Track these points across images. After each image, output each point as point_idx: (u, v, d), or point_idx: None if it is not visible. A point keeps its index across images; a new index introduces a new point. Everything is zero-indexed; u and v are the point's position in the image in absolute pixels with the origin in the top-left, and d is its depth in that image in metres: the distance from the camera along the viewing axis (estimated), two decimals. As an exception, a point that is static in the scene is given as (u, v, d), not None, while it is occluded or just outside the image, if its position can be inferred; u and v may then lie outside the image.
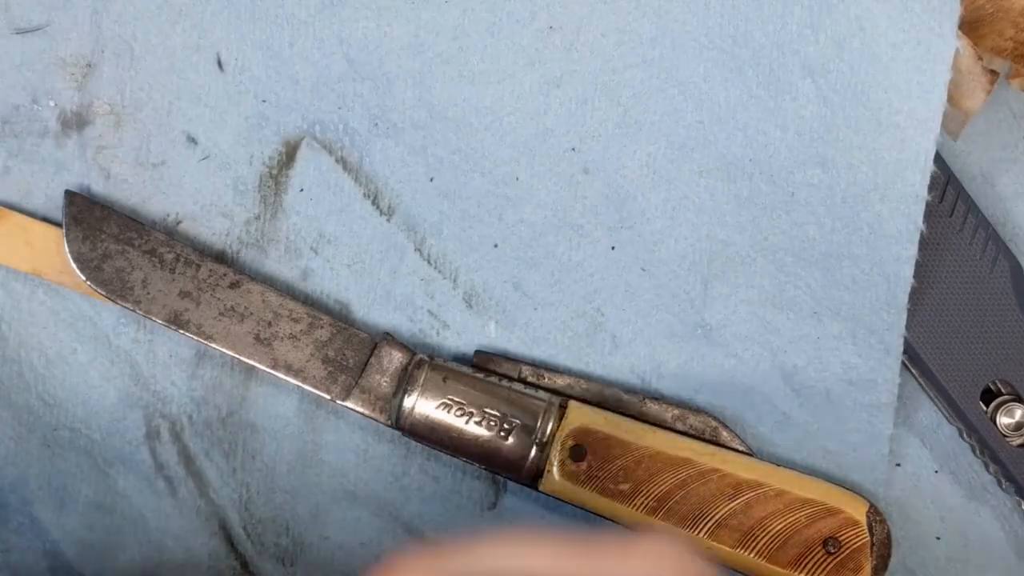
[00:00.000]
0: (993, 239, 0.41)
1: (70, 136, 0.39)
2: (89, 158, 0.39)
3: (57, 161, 0.39)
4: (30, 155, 0.39)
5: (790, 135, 0.38)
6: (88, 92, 0.39)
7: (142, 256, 0.39)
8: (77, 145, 0.39)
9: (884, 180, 0.38)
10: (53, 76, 0.39)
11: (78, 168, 0.39)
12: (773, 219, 0.39)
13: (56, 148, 0.39)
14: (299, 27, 0.39)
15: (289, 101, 0.39)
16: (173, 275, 0.38)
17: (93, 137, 0.39)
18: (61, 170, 0.39)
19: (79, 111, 0.39)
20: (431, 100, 0.39)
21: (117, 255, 0.38)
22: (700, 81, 0.38)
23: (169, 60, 0.39)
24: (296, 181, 0.39)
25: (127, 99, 0.39)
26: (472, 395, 0.38)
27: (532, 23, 0.38)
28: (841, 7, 0.38)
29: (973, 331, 0.41)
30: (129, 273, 0.38)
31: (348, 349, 0.39)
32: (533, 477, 0.38)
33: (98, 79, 0.39)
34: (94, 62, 0.39)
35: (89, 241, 0.38)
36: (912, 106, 0.38)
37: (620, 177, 0.39)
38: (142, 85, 0.39)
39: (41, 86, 0.39)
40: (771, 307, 0.39)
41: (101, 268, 0.38)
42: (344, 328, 0.39)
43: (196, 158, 0.39)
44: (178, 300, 0.38)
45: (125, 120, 0.39)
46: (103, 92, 0.39)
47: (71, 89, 0.39)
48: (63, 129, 0.39)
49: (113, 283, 0.38)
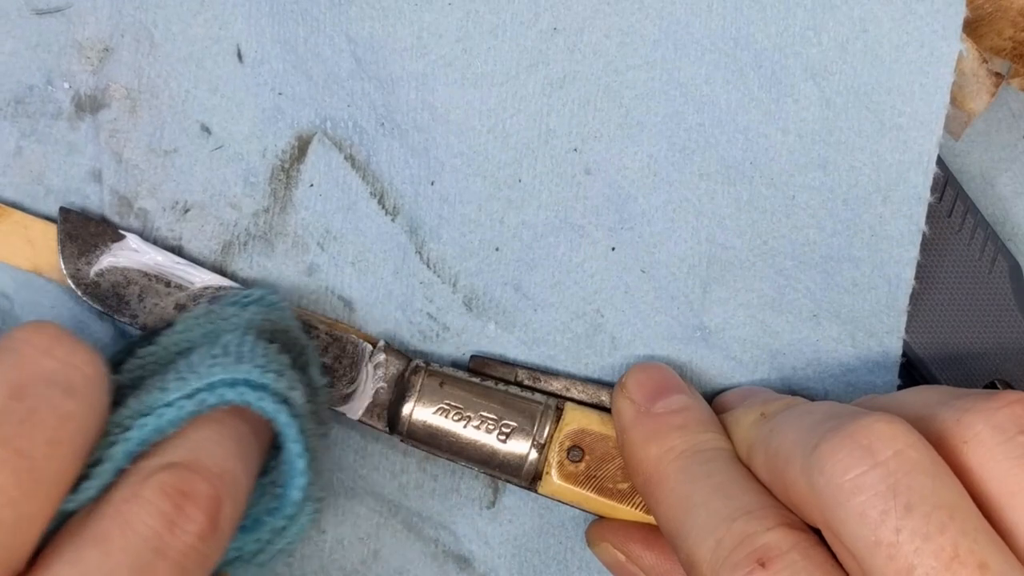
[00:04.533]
0: (992, 239, 0.41)
1: (84, 119, 0.39)
2: (102, 142, 0.39)
3: (70, 143, 0.39)
4: (43, 136, 0.39)
5: (791, 137, 0.38)
6: (104, 76, 0.39)
7: (137, 270, 0.38)
8: (91, 128, 0.39)
9: (886, 182, 0.38)
10: (69, 58, 0.39)
11: (91, 151, 0.39)
12: (773, 222, 0.39)
13: (70, 130, 0.39)
14: (312, 23, 0.38)
15: (303, 96, 0.39)
16: (169, 288, 0.38)
17: (107, 121, 0.39)
18: (73, 152, 0.39)
19: (94, 94, 0.39)
20: (434, 102, 0.39)
21: (113, 270, 0.38)
22: (702, 83, 0.38)
23: (189, 49, 0.39)
24: (306, 176, 0.39)
25: (143, 85, 0.39)
26: (469, 399, 0.38)
27: (535, 24, 0.38)
28: (844, 9, 0.37)
29: (972, 331, 0.41)
30: (125, 288, 0.38)
31: (344, 357, 0.39)
32: (532, 479, 0.38)
33: (115, 63, 0.39)
34: (112, 46, 0.39)
35: (85, 257, 0.38)
36: (915, 108, 0.38)
37: (621, 178, 0.39)
38: (159, 72, 0.39)
39: (56, 68, 0.39)
40: (770, 310, 0.39)
41: (98, 284, 0.38)
42: (339, 336, 0.39)
43: (209, 148, 0.39)
44: (174, 313, 0.38)
45: (140, 106, 0.39)
46: (120, 76, 0.39)
47: (87, 72, 0.39)
48: (77, 112, 0.39)
49: (110, 299, 0.38)
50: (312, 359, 0.37)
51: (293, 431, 0.33)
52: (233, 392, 0.33)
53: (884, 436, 0.29)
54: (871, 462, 0.29)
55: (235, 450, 0.33)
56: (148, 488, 0.31)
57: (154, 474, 0.31)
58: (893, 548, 0.28)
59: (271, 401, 0.33)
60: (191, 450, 0.32)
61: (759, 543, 0.30)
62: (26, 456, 0.29)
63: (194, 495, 0.31)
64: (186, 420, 0.32)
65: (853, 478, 0.29)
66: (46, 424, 0.30)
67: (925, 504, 0.28)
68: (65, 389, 0.30)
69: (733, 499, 0.32)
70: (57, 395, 0.30)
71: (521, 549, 0.40)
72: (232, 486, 0.32)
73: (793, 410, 0.34)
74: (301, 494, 0.34)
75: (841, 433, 0.30)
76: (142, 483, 0.31)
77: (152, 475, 0.31)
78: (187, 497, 0.31)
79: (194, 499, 0.31)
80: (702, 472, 0.34)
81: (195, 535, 0.30)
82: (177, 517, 0.30)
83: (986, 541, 0.28)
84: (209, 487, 0.31)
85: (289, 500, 0.34)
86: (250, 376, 0.33)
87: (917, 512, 0.28)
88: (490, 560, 0.40)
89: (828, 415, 0.32)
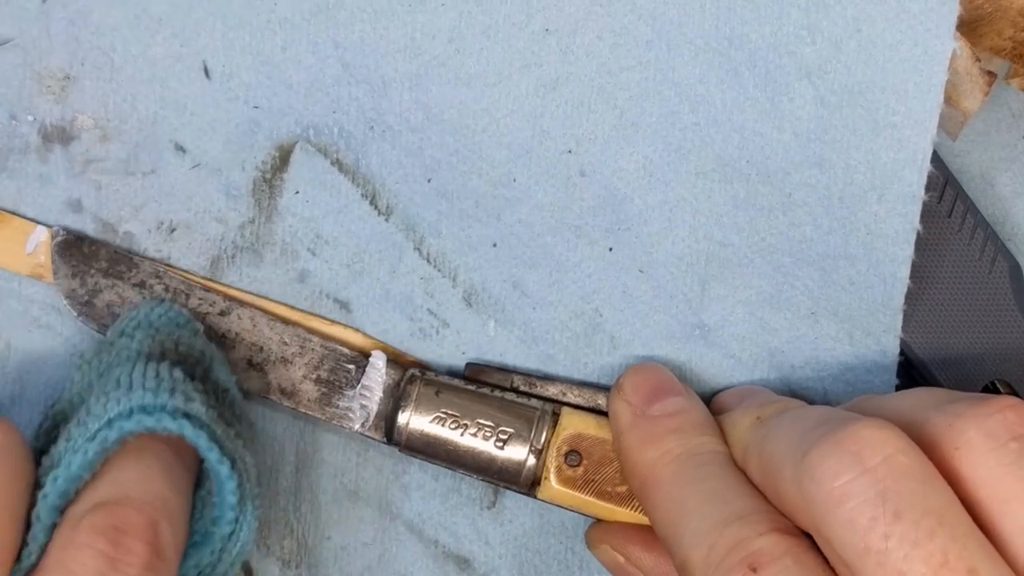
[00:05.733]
0: (992, 239, 0.41)
1: (52, 150, 0.39)
2: (77, 172, 0.39)
3: (42, 176, 0.39)
4: (14, 172, 0.39)
5: (787, 136, 0.38)
6: (70, 106, 0.39)
7: (131, 289, 0.39)
8: (63, 159, 0.39)
9: (881, 181, 0.38)
10: (30, 90, 0.39)
11: (63, 182, 0.39)
12: (770, 220, 0.39)
13: (40, 163, 0.39)
14: (292, 31, 0.38)
15: (282, 106, 0.39)
16: None
17: (80, 152, 0.39)
18: (47, 184, 0.39)
19: (61, 125, 0.39)
20: (427, 102, 0.39)
21: (107, 289, 0.39)
22: (696, 83, 0.38)
23: (151, 70, 0.38)
24: (291, 184, 0.39)
25: (110, 112, 0.39)
26: (465, 407, 0.38)
27: (528, 26, 0.38)
28: (838, 8, 0.37)
29: (971, 331, 0.41)
30: (120, 307, 0.38)
31: (340, 369, 0.39)
32: (530, 485, 0.38)
33: (78, 92, 0.39)
34: (72, 74, 0.39)
35: (79, 278, 0.38)
36: (909, 107, 0.38)
37: (617, 179, 0.39)
38: (124, 96, 0.39)
39: (18, 101, 0.39)
40: (768, 308, 0.39)
41: (92, 304, 0.38)
42: (334, 348, 0.39)
43: (186, 166, 0.39)
44: None
45: (110, 133, 0.39)
46: (85, 106, 0.39)
47: (50, 103, 0.39)
48: (44, 143, 0.39)
49: (104, 318, 0.38)
50: (214, 359, 0.37)
51: (203, 441, 0.33)
52: (130, 422, 0.33)
53: (873, 442, 0.29)
54: (860, 468, 0.29)
55: (160, 474, 0.33)
56: (81, 533, 0.30)
57: (83, 517, 0.31)
58: (882, 555, 0.28)
59: (170, 419, 0.33)
60: (115, 486, 0.32)
61: (752, 548, 0.30)
62: None
63: (128, 528, 0.31)
64: (98, 461, 0.32)
65: (842, 484, 0.29)
66: None
67: (914, 510, 0.28)
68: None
69: (727, 504, 0.32)
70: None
71: (521, 549, 0.40)
72: (164, 509, 0.32)
73: (786, 415, 0.34)
74: (235, 497, 0.34)
75: (831, 440, 0.30)
76: (74, 529, 0.31)
77: (82, 519, 0.31)
78: (121, 532, 0.30)
79: (129, 531, 0.31)
80: (697, 476, 0.34)
81: (139, 566, 0.30)
82: (116, 553, 0.30)
83: (976, 547, 0.28)
84: (141, 516, 0.31)
85: (227, 505, 0.34)
86: (144, 401, 0.33)
87: (906, 518, 0.28)
88: (490, 560, 0.40)
89: (820, 421, 0.32)
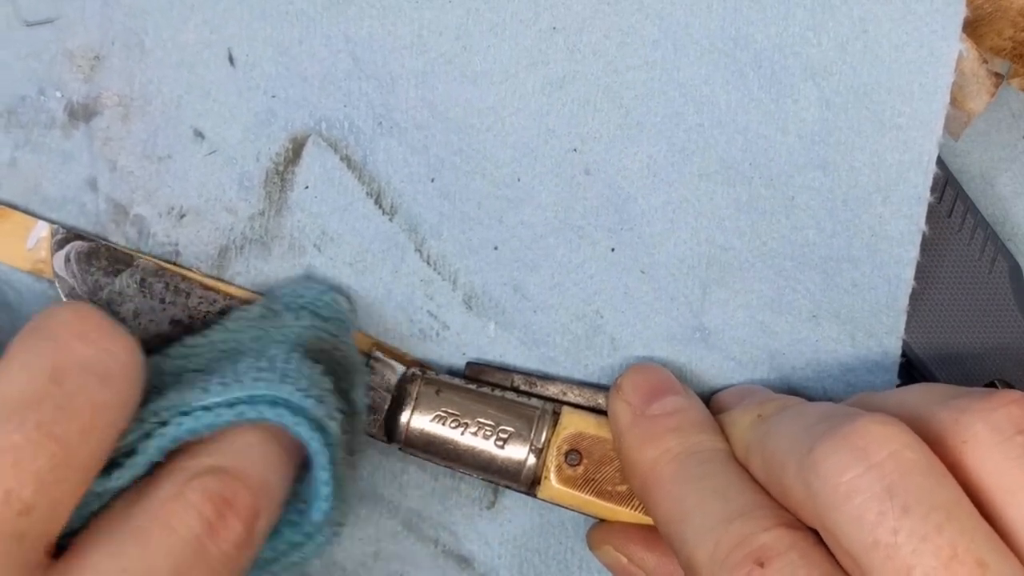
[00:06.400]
0: (992, 239, 0.41)
1: (77, 127, 0.39)
2: (96, 150, 0.39)
3: (65, 152, 0.39)
4: (37, 146, 0.39)
5: (791, 138, 0.38)
6: (96, 84, 0.39)
7: (132, 287, 0.38)
8: (84, 136, 0.39)
9: (886, 182, 0.38)
10: (60, 67, 0.39)
11: (85, 159, 0.39)
12: (773, 223, 0.39)
13: (63, 139, 0.39)
14: (308, 24, 0.38)
15: (297, 98, 0.39)
16: (163, 304, 0.38)
17: (100, 128, 0.39)
18: (69, 161, 0.39)
19: (86, 102, 0.39)
20: (434, 100, 0.39)
21: (107, 287, 0.38)
22: (701, 83, 0.38)
23: (180, 54, 0.39)
24: (301, 178, 0.39)
25: (135, 92, 0.39)
26: (466, 406, 0.38)
27: (535, 24, 0.38)
28: (844, 9, 0.37)
29: (971, 331, 0.41)
30: (120, 305, 0.38)
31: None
32: (531, 484, 0.38)
33: (107, 71, 0.39)
34: (103, 54, 0.39)
35: (79, 275, 0.38)
36: (915, 108, 0.38)
37: (621, 178, 0.39)
38: (151, 78, 0.39)
39: (48, 77, 0.39)
40: (769, 311, 0.39)
41: (92, 302, 0.38)
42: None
43: (203, 152, 0.39)
44: (170, 329, 0.38)
45: (133, 112, 0.39)
46: (112, 84, 0.39)
47: (79, 80, 0.39)
48: (70, 120, 0.39)
49: None
50: (358, 382, 0.37)
51: (324, 459, 0.34)
52: (272, 412, 0.33)
53: (879, 437, 0.29)
54: (866, 464, 0.29)
55: (275, 464, 0.33)
56: (192, 490, 0.31)
57: (198, 476, 0.31)
58: (891, 549, 0.28)
59: (307, 427, 0.33)
60: (235, 457, 0.32)
61: (757, 543, 0.30)
62: (61, 442, 0.29)
63: (236, 504, 0.31)
64: (222, 428, 0.33)
65: (849, 480, 0.29)
66: (82, 412, 0.30)
67: (922, 505, 0.28)
68: (101, 377, 0.31)
69: (730, 500, 0.32)
70: (93, 383, 0.30)
71: (521, 549, 0.40)
72: (269, 499, 0.32)
73: (788, 411, 0.34)
74: (322, 517, 0.34)
75: (836, 435, 0.30)
76: (186, 483, 0.31)
77: (196, 477, 0.31)
78: (230, 505, 0.31)
79: (236, 508, 0.31)
80: (698, 474, 0.34)
81: (233, 544, 0.31)
82: (219, 524, 0.31)
83: (984, 540, 0.28)
84: (251, 497, 0.31)
85: (310, 520, 0.34)
86: (291, 398, 0.33)
87: (914, 513, 0.28)
88: (490, 560, 0.40)
89: (823, 416, 0.32)
